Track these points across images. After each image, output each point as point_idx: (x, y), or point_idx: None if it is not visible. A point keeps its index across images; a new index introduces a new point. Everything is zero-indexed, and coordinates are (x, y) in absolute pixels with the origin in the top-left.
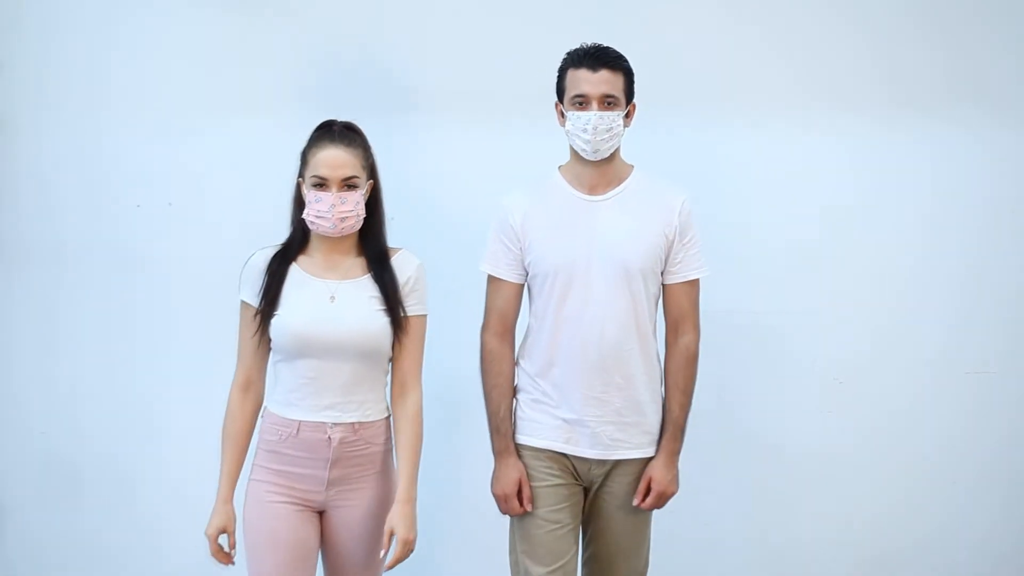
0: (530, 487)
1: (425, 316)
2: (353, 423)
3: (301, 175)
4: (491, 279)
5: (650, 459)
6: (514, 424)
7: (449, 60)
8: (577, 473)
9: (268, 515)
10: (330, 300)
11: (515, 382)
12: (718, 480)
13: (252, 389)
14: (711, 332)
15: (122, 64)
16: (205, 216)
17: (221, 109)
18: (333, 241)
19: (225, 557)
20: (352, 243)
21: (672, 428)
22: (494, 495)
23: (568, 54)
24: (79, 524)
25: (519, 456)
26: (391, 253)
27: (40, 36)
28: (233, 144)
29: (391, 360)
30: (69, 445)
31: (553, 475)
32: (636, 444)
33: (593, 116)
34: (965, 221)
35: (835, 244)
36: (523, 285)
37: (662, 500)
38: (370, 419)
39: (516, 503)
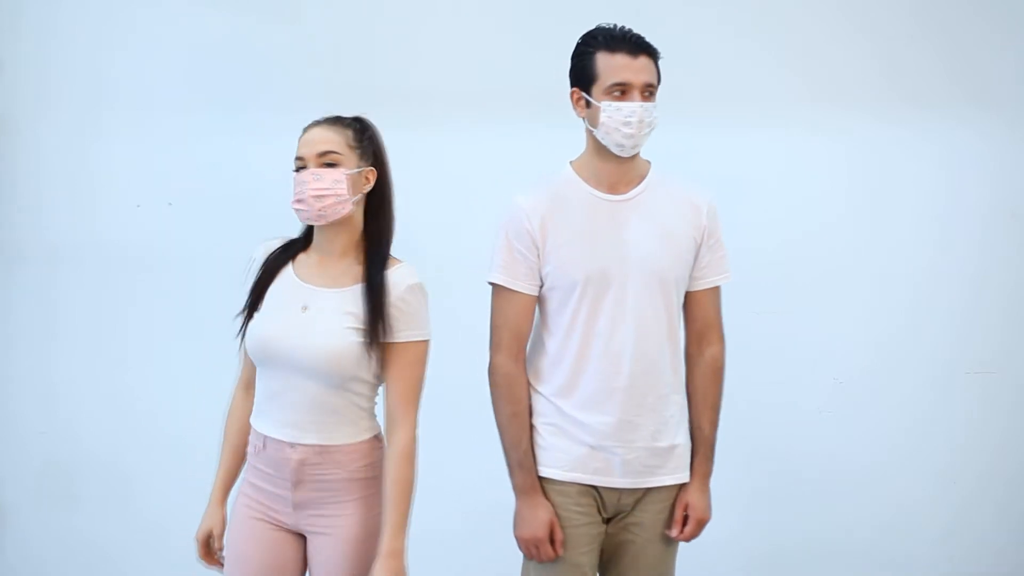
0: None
1: (423, 342)
2: (316, 446)
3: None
4: (502, 292)
5: (681, 485)
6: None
7: (452, 59)
8: (604, 506)
9: (243, 533)
10: (302, 310)
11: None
12: (717, 481)
13: (251, 390)
14: None
15: (122, 64)
16: (205, 216)
17: (221, 109)
18: (328, 240)
19: (212, 560)
20: (349, 244)
21: (704, 449)
22: (519, 539)
23: (595, 35)
24: (76, 525)
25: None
26: (390, 264)
27: (40, 36)
28: (233, 144)
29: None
30: (67, 446)
31: (581, 514)
32: (671, 469)
33: (638, 107)
34: (966, 220)
35: (835, 244)
36: (536, 297)
37: (700, 528)
38: (338, 443)
39: (548, 548)
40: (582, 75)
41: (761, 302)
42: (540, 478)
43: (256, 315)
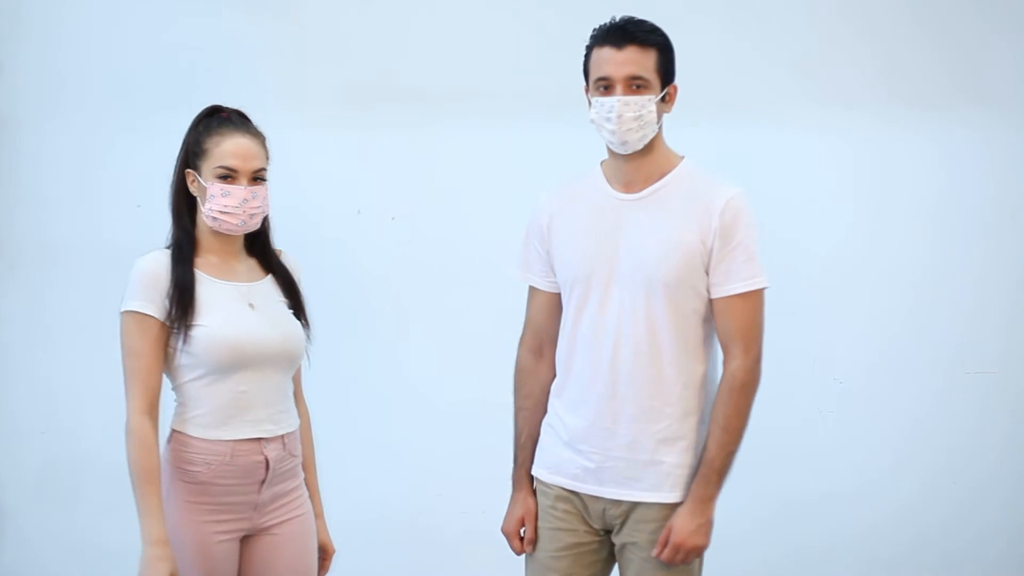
0: (535, 527)
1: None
2: (283, 436)
3: (192, 166)
4: (528, 286)
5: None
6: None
7: (458, 58)
8: (589, 516)
9: (216, 557)
10: (249, 307)
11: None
12: None
13: (154, 414)
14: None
15: (122, 63)
16: None
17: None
18: (226, 240)
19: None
20: (242, 242)
21: (704, 470)
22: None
23: (594, 30)
24: (77, 525)
25: (532, 490)
26: (278, 253)
27: (40, 36)
28: None
29: None
30: (67, 446)
31: (556, 517)
32: (652, 486)
33: (616, 102)
34: (966, 220)
35: (835, 244)
36: (558, 295)
37: (681, 553)
38: (293, 429)
39: (517, 542)
40: (584, 73)
41: None
42: (532, 476)
43: (202, 325)
